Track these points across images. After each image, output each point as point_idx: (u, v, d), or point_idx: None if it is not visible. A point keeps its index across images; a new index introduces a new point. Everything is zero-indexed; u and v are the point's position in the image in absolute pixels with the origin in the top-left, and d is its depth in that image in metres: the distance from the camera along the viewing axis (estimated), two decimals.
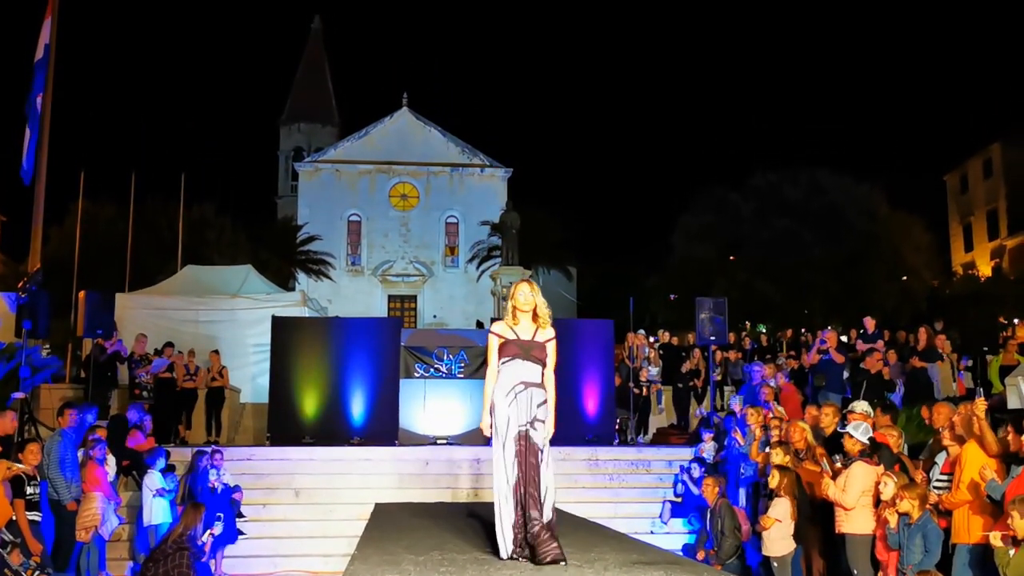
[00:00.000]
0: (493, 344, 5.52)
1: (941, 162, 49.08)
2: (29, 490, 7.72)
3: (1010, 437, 6.13)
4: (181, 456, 11.56)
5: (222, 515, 10.21)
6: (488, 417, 5.44)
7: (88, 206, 25.75)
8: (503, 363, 5.43)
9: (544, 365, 5.44)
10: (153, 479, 10.03)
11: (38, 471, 8.23)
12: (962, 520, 6.59)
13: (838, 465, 7.60)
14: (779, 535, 8.13)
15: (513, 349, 5.42)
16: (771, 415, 10.42)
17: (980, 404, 6.66)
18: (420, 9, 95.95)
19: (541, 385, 5.41)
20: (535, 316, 5.49)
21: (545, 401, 5.37)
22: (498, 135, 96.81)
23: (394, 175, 46.90)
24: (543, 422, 5.31)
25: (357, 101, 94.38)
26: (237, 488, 10.91)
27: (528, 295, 5.47)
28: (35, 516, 7.80)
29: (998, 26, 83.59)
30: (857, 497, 7.15)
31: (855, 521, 7.21)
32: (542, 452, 5.25)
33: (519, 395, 5.30)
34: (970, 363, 15.53)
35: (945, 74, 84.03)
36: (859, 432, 7.39)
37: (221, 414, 15.54)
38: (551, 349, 5.50)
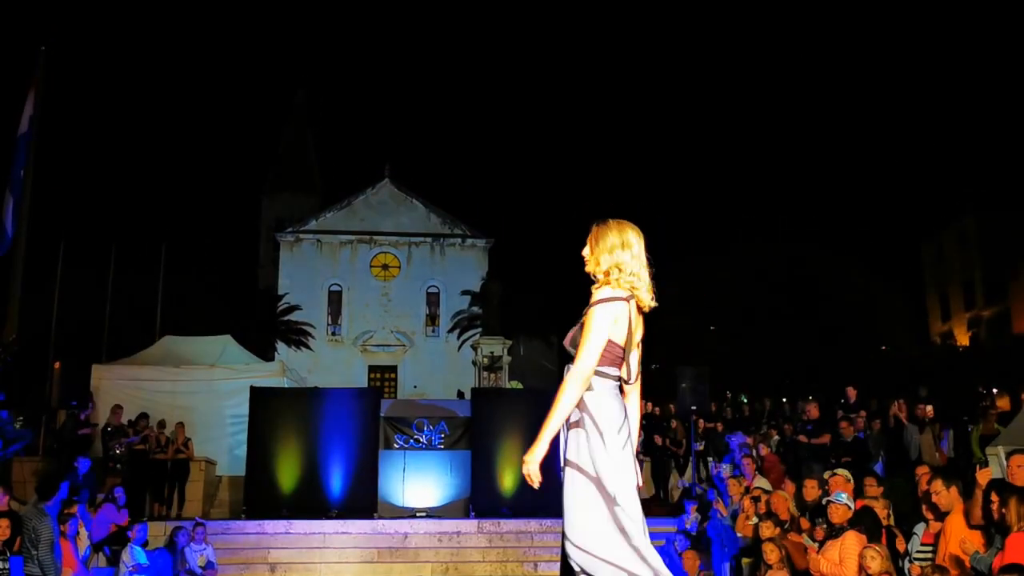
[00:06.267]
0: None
1: (917, 233, 49.76)
2: None
3: (994, 507, 6.11)
4: (154, 531, 11.34)
5: None
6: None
7: (67, 276, 25.62)
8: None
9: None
10: (131, 554, 9.82)
11: (11, 546, 7.99)
12: None
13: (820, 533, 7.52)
14: None
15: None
16: (750, 485, 10.36)
17: (986, 473, 6.65)
18: (403, 83, 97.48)
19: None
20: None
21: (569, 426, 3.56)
22: (479, 206, 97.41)
23: (375, 246, 47.06)
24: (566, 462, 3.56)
25: (339, 172, 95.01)
26: (211, 565, 10.69)
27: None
28: None
29: (971, 99, 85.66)
30: (855, 568, 7.02)
31: None
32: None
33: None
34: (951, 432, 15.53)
35: (919, 147, 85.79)
36: (843, 499, 7.34)
37: (184, 488, 15.18)
38: (587, 320, 3.60)
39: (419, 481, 15.36)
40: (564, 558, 3.53)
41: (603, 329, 3.52)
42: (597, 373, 3.55)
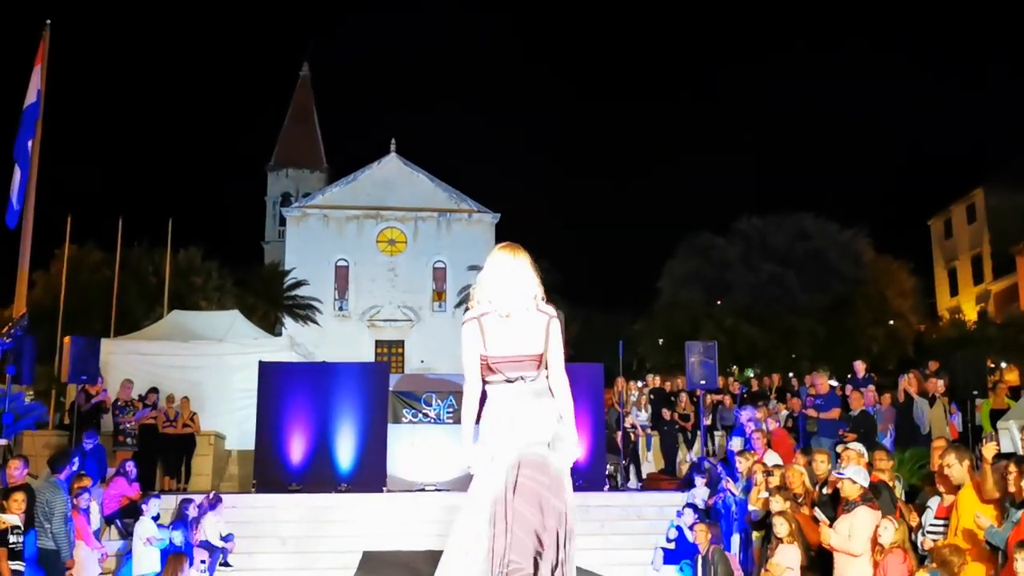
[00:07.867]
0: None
1: (925, 207, 49.42)
2: (12, 539, 7.54)
3: (1011, 479, 6.07)
4: (164, 504, 11.36)
5: (206, 561, 10.07)
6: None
7: (74, 251, 25.64)
8: None
9: None
10: (145, 527, 9.84)
11: (26, 519, 8.02)
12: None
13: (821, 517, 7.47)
14: None
15: None
16: (760, 460, 10.34)
17: (992, 447, 6.61)
18: (409, 56, 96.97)
19: None
20: None
21: None
22: (486, 180, 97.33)
23: (382, 220, 46.99)
24: None
25: (345, 147, 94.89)
26: (229, 537, 10.76)
27: None
28: (18, 566, 7.60)
29: (980, 74, 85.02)
30: (865, 544, 7.02)
31: (855, 569, 7.08)
32: None
33: None
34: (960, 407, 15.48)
35: (928, 120, 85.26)
36: (858, 476, 7.30)
37: (191, 461, 15.24)
38: None
39: (428, 456, 15.35)
40: None
41: (466, 349, 4.20)
42: (485, 382, 4.19)
